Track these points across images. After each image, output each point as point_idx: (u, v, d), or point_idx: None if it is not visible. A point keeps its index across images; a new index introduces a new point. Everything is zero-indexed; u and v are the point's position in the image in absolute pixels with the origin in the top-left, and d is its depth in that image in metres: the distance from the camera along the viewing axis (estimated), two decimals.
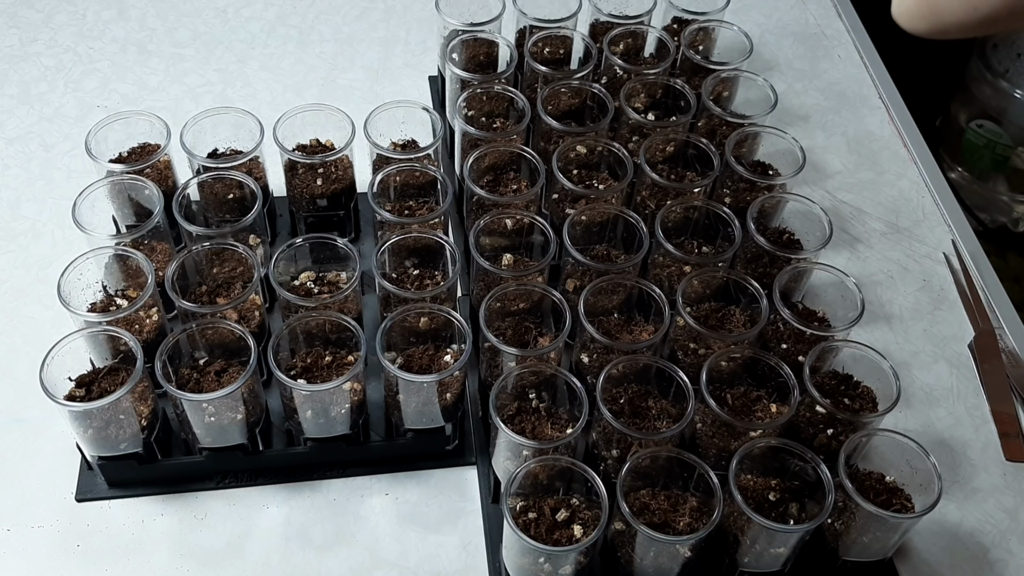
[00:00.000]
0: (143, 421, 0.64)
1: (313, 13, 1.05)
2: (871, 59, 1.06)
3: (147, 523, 0.65)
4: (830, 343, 0.69)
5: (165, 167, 0.78)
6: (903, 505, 0.63)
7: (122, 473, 0.66)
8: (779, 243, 0.79)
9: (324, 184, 0.78)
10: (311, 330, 0.67)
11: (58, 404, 0.59)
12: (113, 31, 1.01)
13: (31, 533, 0.64)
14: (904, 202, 0.92)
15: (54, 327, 0.74)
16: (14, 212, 0.84)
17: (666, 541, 0.58)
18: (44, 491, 0.67)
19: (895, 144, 0.97)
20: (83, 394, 0.63)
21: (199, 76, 0.97)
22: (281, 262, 0.70)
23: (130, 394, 0.61)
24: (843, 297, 0.73)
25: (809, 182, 0.92)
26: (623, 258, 0.75)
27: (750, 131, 0.83)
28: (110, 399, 0.59)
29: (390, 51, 1.01)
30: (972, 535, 0.69)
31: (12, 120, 0.91)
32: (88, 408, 0.59)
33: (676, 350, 0.72)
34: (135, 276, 0.70)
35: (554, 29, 0.88)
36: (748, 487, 0.62)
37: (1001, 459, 0.73)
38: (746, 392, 0.68)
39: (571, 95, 0.84)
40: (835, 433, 0.67)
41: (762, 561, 0.63)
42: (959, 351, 0.80)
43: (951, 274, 0.86)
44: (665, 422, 0.64)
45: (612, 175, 0.80)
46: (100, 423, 0.62)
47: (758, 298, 0.70)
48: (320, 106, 0.78)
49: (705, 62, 0.89)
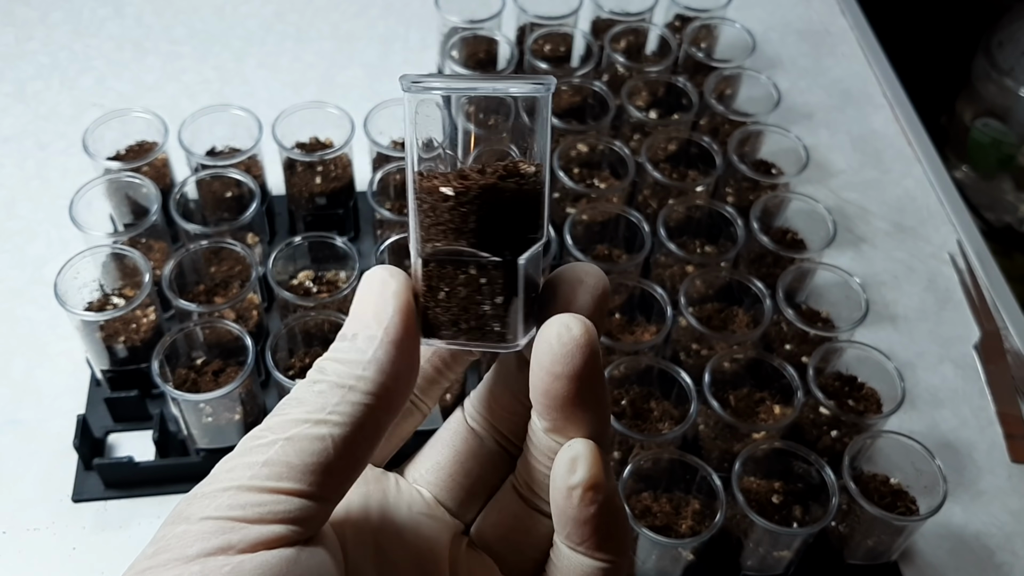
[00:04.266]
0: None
1: (311, 10, 1.04)
2: (875, 57, 1.05)
3: (144, 525, 0.65)
4: (834, 344, 0.68)
5: (162, 165, 0.77)
6: (908, 508, 0.62)
7: (119, 474, 0.65)
8: (782, 243, 0.78)
9: (323, 182, 0.77)
10: (310, 330, 0.66)
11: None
12: (109, 28, 1.00)
13: (27, 535, 0.64)
14: (909, 201, 0.91)
15: (49, 328, 0.74)
16: (9, 211, 0.83)
17: (668, 544, 0.57)
18: (40, 493, 0.66)
19: (900, 143, 0.97)
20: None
21: (196, 74, 0.96)
22: (279, 261, 0.70)
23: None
24: (847, 297, 0.73)
25: (813, 181, 0.91)
26: (625, 258, 0.74)
27: (753, 129, 0.83)
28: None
29: (389, 48, 1.01)
30: (977, 538, 0.68)
31: (7, 119, 0.91)
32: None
33: (678, 351, 0.72)
34: (132, 275, 0.69)
35: (555, 26, 0.88)
36: (751, 489, 0.62)
37: (1007, 461, 0.72)
38: (749, 393, 0.67)
39: (572, 93, 0.84)
40: (839, 435, 0.66)
41: (765, 564, 0.62)
42: (964, 352, 0.79)
43: (956, 274, 0.85)
44: (667, 424, 0.64)
45: (613, 174, 0.79)
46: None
47: (761, 298, 0.69)
48: (319, 104, 0.78)
49: (708, 60, 0.88)
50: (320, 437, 0.25)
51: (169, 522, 0.25)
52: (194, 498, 0.25)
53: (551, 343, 0.26)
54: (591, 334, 0.26)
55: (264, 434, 0.25)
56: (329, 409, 0.25)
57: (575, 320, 0.26)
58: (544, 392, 0.26)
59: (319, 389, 0.26)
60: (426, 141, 0.27)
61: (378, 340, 0.26)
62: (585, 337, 0.26)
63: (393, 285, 0.27)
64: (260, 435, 0.26)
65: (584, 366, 0.26)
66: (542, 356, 0.26)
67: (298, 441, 0.25)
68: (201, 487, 0.25)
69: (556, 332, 0.26)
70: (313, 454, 0.25)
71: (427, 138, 0.27)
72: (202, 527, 0.24)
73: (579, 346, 0.26)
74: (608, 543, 0.27)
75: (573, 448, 0.26)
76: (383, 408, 0.26)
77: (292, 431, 0.25)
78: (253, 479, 0.24)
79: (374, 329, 0.26)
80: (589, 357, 0.26)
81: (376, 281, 0.27)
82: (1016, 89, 1.35)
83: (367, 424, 0.26)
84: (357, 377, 0.26)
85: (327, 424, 0.25)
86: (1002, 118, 1.39)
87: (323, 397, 0.26)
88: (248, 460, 0.25)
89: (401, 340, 0.26)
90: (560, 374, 0.26)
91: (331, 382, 0.26)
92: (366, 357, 0.26)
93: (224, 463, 0.26)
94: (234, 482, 0.24)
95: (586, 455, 0.26)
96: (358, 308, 0.27)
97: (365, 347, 0.26)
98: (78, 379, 0.71)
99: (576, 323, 0.26)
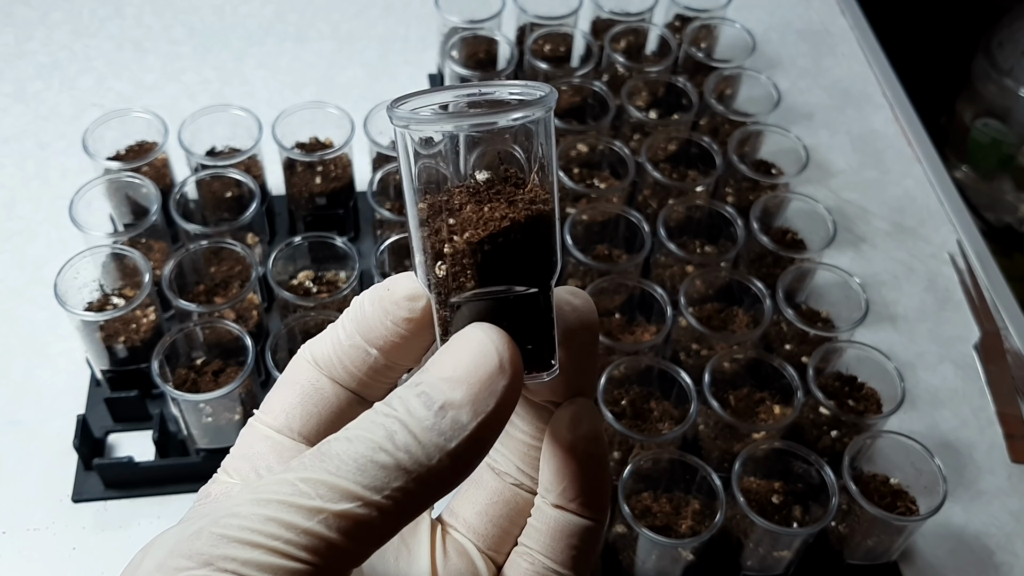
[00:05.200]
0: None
1: (311, 10, 1.04)
2: (875, 57, 1.05)
3: (144, 525, 0.65)
4: (834, 344, 0.68)
5: (162, 165, 0.77)
6: (907, 508, 0.62)
7: (119, 474, 0.65)
8: (782, 243, 0.78)
9: (323, 183, 0.77)
10: (309, 330, 0.66)
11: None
12: (109, 28, 1.00)
13: (27, 535, 0.64)
14: (909, 201, 0.91)
15: (49, 328, 0.74)
16: (9, 212, 0.83)
17: (668, 544, 0.57)
18: (40, 493, 0.66)
19: (900, 143, 0.97)
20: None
21: (196, 74, 0.96)
22: (279, 261, 0.70)
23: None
24: (847, 297, 0.73)
25: (813, 181, 0.91)
26: (625, 258, 0.74)
27: (753, 129, 0.83)
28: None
29: (389, 48, 1.01)
30: (977, 538, 0.68)
31: (7, 119, 0.91)
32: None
33: (678, 351, 0.72)
34: (132, 275, 0.69)
35: (555, 26, 0.88)
36: (751, 489, 0.62)
37: (1007, 461, 0.72)
38: (749, 394, 0.67)
39: (572, 93, 0.84)
40: (839, 435, 0.66)
41: (765, 564, 0.62)
42: (964, 352, 0.79)
43: (956, 274, 0.85)
44: (667, 424, 0.64)
45: (613, 174, 0.79)
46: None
47: (761, 298, 0.69)
48: (319, 104, 0.78)
49: (707, 60, 0.88)
50: (368, 519, 0.23)
51: (185, 555, 0.23)
52: (220, 540, 0.23)
53: (558, 312, 0.27)
54: (590, 304, 0.28)
55: (310, 492, 0.23)
56: (387, 492, 0.23)
57: (574, 293, 0.28)
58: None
59: (382, 462, 0.23)
60: (425, 139, 0.25)
61: (467, 433, 0.23)
62: (587, 309, 0.28)
63: (508, 368, 0.24)
64: (305, 491, 0.23)
65: (589, 333, 0.28)
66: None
67: (344, 519, 0.23)
68: (229, 524, 0.23)
69: (562, 301, 0.28)
70: (354, 535, 0.23)
71: (426, 136, 0.25)
72: None
73: (583, 317, 0.28)
74: (599, 499, 0.28)
75: (576, 403, 0.28)
76: (437, 495, 0.24)
77: (342, 505, 0.23)
78: (289, 545, 0.22)
79: (467, 415, 0.23)
80: (592, 325, 0.28)
81: (484, 349, 0.24)
82: (1016, 89, 1.35)
83: (415, 509, 0.24)
84: (428, 469, 0.23)
85: (379, 507, 0.23)
86: (1002, 118, 1.39)
87: (385, 475, 0.23)
88: (288, 519, 0.23)
89: (491, 435, 0.24)
90: (565, 343, 0.27)
91: (399, 462, 0.23)
92: (447, 447, 0.23)
93: (259, 506, 0.23)
94: (268, 540, 0.22)
95: (590, 409, 0.28)
96: (455, 370, 0.24)
97: (451, 433, 0.23)
98: (78, 379, 0.71)
99: (577, 295, 0.28)
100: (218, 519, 0.23)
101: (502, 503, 0.30)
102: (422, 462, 0.23)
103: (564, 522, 0.28)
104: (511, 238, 0.25)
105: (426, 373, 0.24)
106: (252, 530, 0.23)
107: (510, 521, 0.30)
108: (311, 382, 0.29)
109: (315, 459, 0.24)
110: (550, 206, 0.26)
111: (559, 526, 0.28)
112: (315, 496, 0.23)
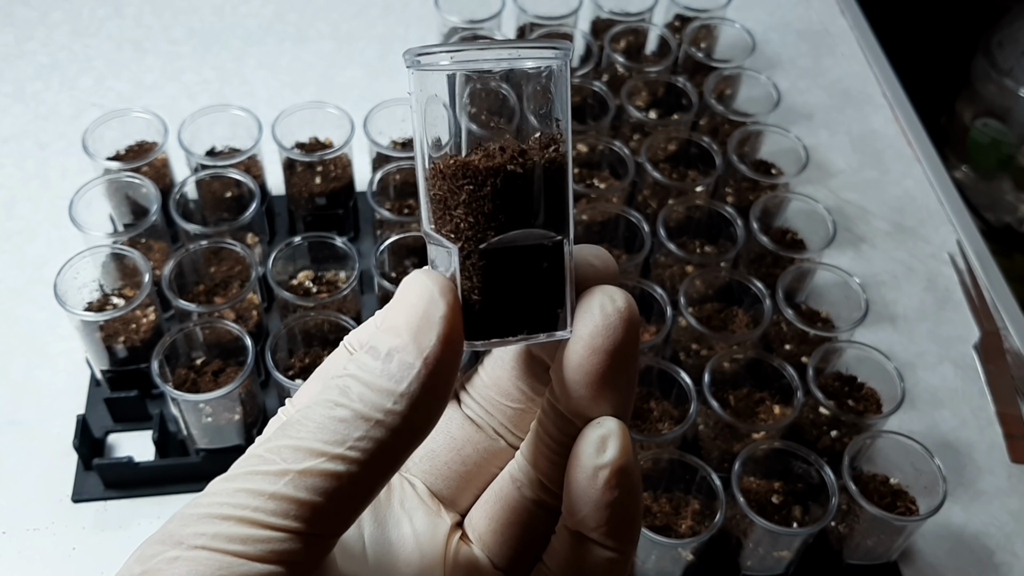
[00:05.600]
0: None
1: (311, 10, 1.04)
2: (875, 57, 1.05)
3: (144, 525, 0.65)
4: (834, 344, 0.68)
5: (162, 165, 0.77)
6: (907, 508, 0.62)
7: (119, 474, 0.65)
8: (782, 243, 0.78)
9: (323, 183, 0.77)
10: (309, 330, 0.66)
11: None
12: (109, 28, 1.00)
13: (27, 535, 0.64)
14: (909, 201, 0.91)
15: (49, 328, 0.74)
16: (9, 212, 0.83)
17: (668, 544, 0.57)
18: (40, 493, 0.66)
19: (899, 143, 0.97)
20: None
21: (196, 74, 0.96)
22: (279, 261, 0.70)
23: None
24: (847, 297, 0.73)
25: (812, 181, 0.91)
26: (625, 258, 0.74)
27: (753, 130, 0.83)
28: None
29: (389, 48, 1.01)
30: (977, 538, 0.68)
31: (7, 119, 0.91)
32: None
33: (678, 351, 0.72)
34: (132, 275, 0.69)
35: (555, 26, 0.88)
36: (751, 490, 0.62)
37: (1006, 461, 0.72)
38: (749, 394, 0.67)
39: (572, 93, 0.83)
40: (839, 435, 0.66)
41: (765, 564, 0.62)
42: (964, 352, 0.79)
43: (956, 274, 0.85)
44: (667, 424, 0.64)
45: (613, 174, 0.79)
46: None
47: (761, 298, 0.69)
48: (319, 104, 0.78)
49: (707, 60, 0.88)
50: (335, 475, 0.23)
51: (159, 540, 0.23)
52: (191, 518, 0.23)
53: (594, 314, 0.24)
54: (633, 307, 0.25)
55: (274, 459, 0.23)
56: (349, 443, 0.23)
57: (618, 292, 0.25)
58: (578, 366, 0.25)
59: (340, 416, 0.23)
60: (435, 116, 0.25)
61: (415, 370, 0.23)
62: (628, 310, 0.25)
63: (440, 300, 0.24)
64: (270, 458, 0.23)
65: (625, 340, 0.25)
66: (582, 328, 0.25)
67: (311, 477, 0.22)
68: (199, 503, 0.23)
69: (599, 303, 0.25)
70: (324, 493, 0.22)
71: (435, 114, 0.25)
72: (196, 556, 0.22)
73: (622, 319, 0.24)
74: (623, 531, 0.25)
75: (604, 426, 0.25)
76: (406, 445, 0.24)
77: (306, 463, 0.23)
78: (257, 512, 0.22)
79: (412, 354, 0.23)
80: (631, 331, 0.25)
81: (419, 291, 0.24)
82: (1016, 89, 1.35)
83: (386, 461, 0.23)
84: (386, 411, 0.23)
85: (344, 460, 0.23)
86: (1002, 118, 1.39)
87: (344, 427, 0.23)
88: (254, 487, 0.23)
89: (442, 371, 0.23)
90: (599, 347, 0.24)
91: (355, 411, 0.23)
92: (399, 388, 0.23)
93: (227, 481, 0.23)
94: (236, 510, 0.22)
95: (618, 434, 0.25)
96: (396, 320, 0.24)
97: (399, 375, 0.23)
98: (78, 379, 0.71)
99: (620, 295, 0.25)
100: (191, 502, 0.23)
101: (520, 521, 0.28)
102: (379, 407, 0.23)
103: (584, 550, 0.26)
104: (521, 183, 0.24)
105: (377, 331, 0.24)
106: (220, 504, 0.22)
107: (528, 539, 0.28)
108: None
109: (280, 430, 0.24)
110: (563, 152, 0.25)
111: (579, 554, 0.26)
112: (279, 460, 0.23)
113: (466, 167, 0.24)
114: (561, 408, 0.26)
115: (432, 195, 0.25)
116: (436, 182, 0.25)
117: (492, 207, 0.24)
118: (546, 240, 0.25)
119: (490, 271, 0.24)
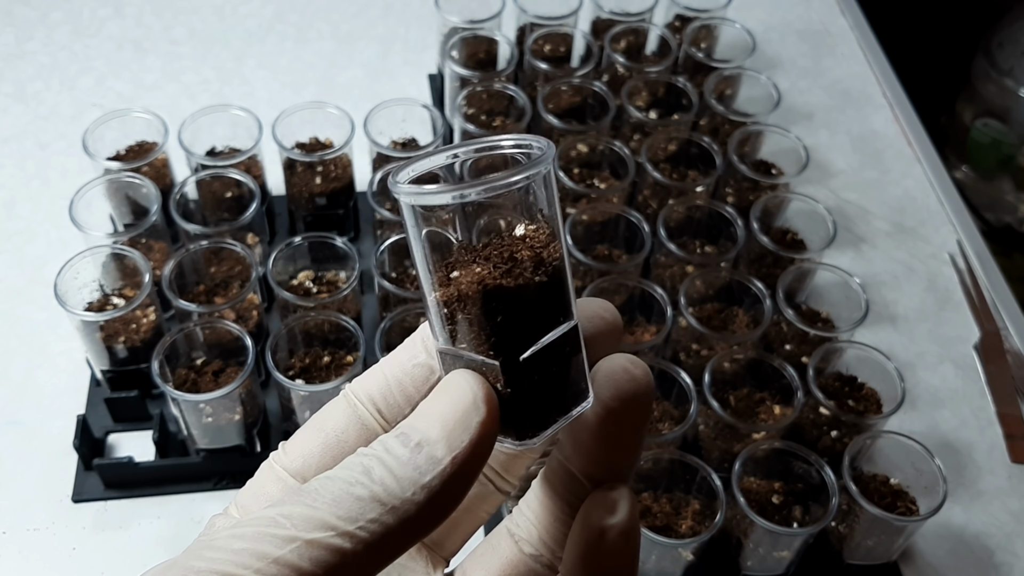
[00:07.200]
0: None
1: (311, 10, 1.04)
2: (875, 57, 1.05)
3: (144, 525, 0.65)
4: (834, 344, 0.68)
5: (162, 165, 0.77)
6: (908, 508, 0.62)
7: (119, 474, 0.65)
8: (782, 243, 0.78)
9: (323, 183, 0.77)
10: (309, 330, 0.66)
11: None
12: (109, 29, 1.00)
13: (27, 535, 0.64)
14: (909, 201, 0.91)
15: (49, 328, 0.74)
16: (9, 212, 0.83)
17: (668, 545, 0.57)
18: (40, 493, 0.66)
19: (900, 143, 0.97)
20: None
21: (196, 74, 0.96)
22: (279, 261, 0.70)
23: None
24: (847, 298, 0.73)
25: (813, 181, 0.91)
26: (625, 258, 0.74)
27: (753, 130, 0.83)
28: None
29: (389, 49, 1.01)
30: (977, 538, 0.68)
31: (7, 118, 0.91)
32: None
33: (678, 351, 0.72)
34: (132, 275, 0.69)
35: (555, 26, 0.88)
36: (751, 490, 0.62)
37: (1007, 461, 0.72)
38: (749, 394, 0.67)
39: (572, 93, 0.84)
40: (839, 435, 0.66)
41: (765, 564, 0.62)
42: (964, 352, 0.79)
43: (956, 274, 0.85)
44: (667, 424, 0.64)
45: (613, 174, 0.79)
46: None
47: (761, 299, 0.69)
48: (319, 104, 0.78)
49: (707, 60, 0.88)
50: (340, 551, 0.23)
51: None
52: (191, 571, 0.23)
53: (617, 383, 0.26)
54: (650, 376, 0.26)
55: (284, 523, 0.23)
56: (361, 523, 0.23)
57: (636, 361, 0.26)
58: (598, 431, 0.26)
59: (358, 494, 0.23)
60: (429, 207, 0.26)
61: (441, 467, 0.24)
62: (646, 378, 0.26)
63: (481, 406, 0.24)
64: (281, 522, 0.23)
65: (644, 409, 0.26)
66: (605, 396, 0.26)
67: (316, 548, 0.23)
68: (202, 555, 0.23)
69: (622, 369, 0.26)
70: (327, 567, 0.23)
71: (430, 205, 0.26)
72: None
73: (641, 389, 0.26)
74: None
75: (616, 490, 0.26)
76: (413, 535, 0.24)
77: (314, 534, 0.23)
78: (259, 574, 0.22)
79: (442, 450, 0.24)
80: (649, 399, 0.26)
81: (463, 391, 0.24)
82: (1016, 89, 1.35)
83: (390, 547, 0.24)
84: (403, 500, 0.23)
85: (352, 539, 0.23)
86: (1002, 118, 1.39)
87: (359, 506, 0.23)
88: (260, 549, 0.23)
89: (466, 472, 0.24)
90: (620, 416, 0.25)
91: (373, 492, 0.23)
92: (420, 481, 0.23)
93: (235, 539, 0.23)
94: (238, 569, 0.22)
95: (628, 498, 0.26)
96: (432, 411, 0.24)
97: (424, 468, 0.23)
98: (78, 379, 0.71)
99: (638, 363, 0.26)
100: (194, 551, 0.23)
101: (515, 573, 0.29)
102: (397, 494, 0.23)
103: None
104: (548, 288, 0.25)
105: (407, 418, 0.25)
106: (224, 560, 0.23)
107: None
108: (337, 433, 0.28)
109: (295, 495, 0.24)
110: (559, 242, 0.26)
111: None
112: (289, 526, 0.23)
113: (499, 290, 0.25)
114: (572, 468, 0.27)
115: (458, 318, 0.26)
116: (462, 304, 0.25)
117: (528, 319, 0.25)
118: (566, 328, 0.26)
119: (529, 374, 0.25)
